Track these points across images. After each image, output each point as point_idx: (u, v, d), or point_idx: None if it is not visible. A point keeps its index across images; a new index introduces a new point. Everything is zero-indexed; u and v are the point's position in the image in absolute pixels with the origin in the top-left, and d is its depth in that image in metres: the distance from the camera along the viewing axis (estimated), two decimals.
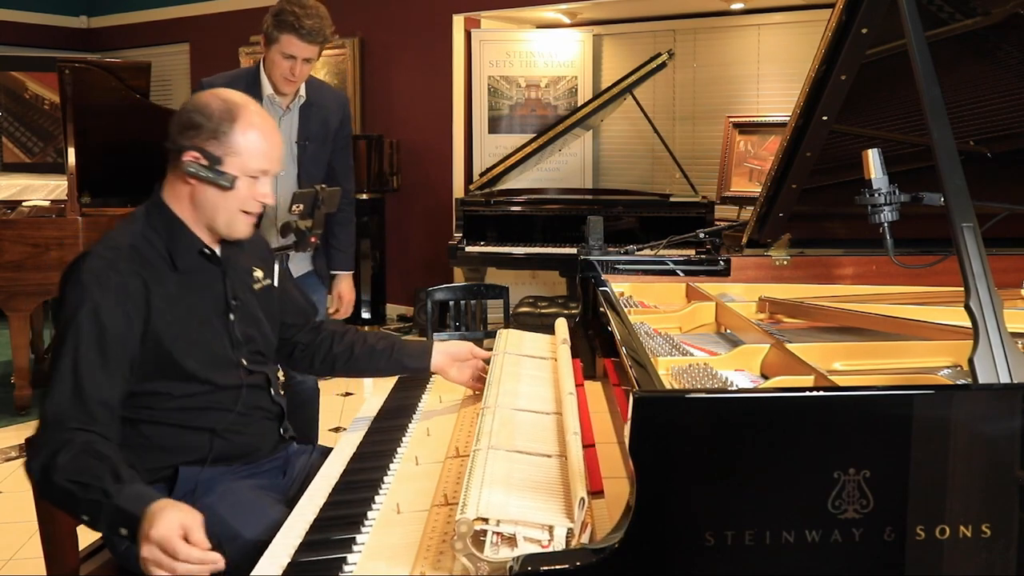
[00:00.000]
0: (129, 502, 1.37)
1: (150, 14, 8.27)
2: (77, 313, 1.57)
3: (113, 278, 1.60)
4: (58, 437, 1.48)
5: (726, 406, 1.13)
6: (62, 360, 1.55)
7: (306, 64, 2.78)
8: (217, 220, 1.71)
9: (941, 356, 1.57)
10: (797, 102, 2.05)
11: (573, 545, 1.16)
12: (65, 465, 1.43)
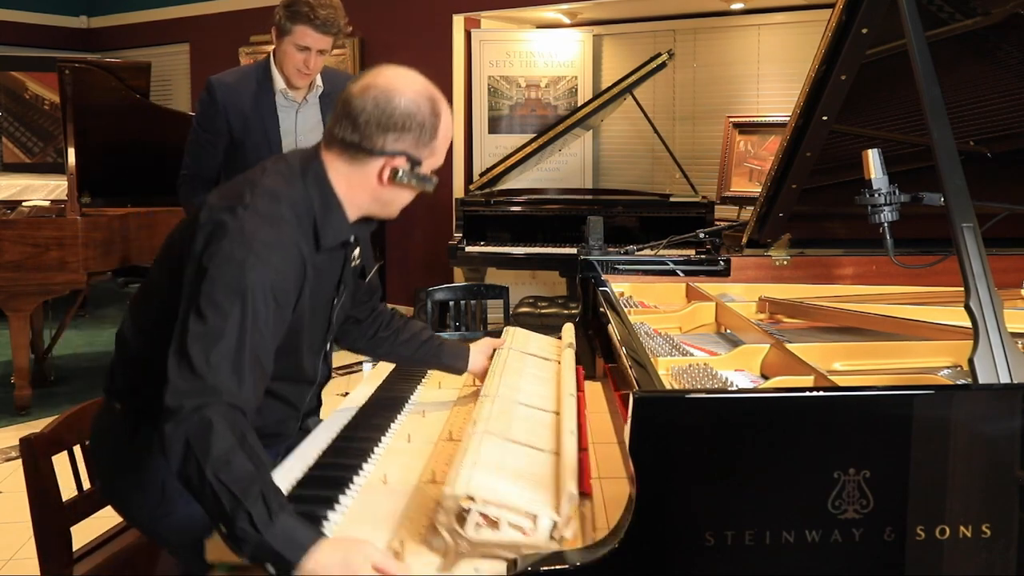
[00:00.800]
0: (282, 543, 1.20)
1: (150, 14, 8.27)
2: (246, 273, 1.36)
3: (283, 236, 1.43)
4: (211, 406, 1.27)
5: (726, 406, 1.14)
6: (225, 320, 1.33)
7: (320, 56, 2.70)
8: (383, 212, 1.59)
9: (941, 356, 1.57)
10: (797, 102, 2.05)
11: (555, 538, 1.15)
12: (219, 455, 1.23)
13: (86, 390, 4.76)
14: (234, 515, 1.20)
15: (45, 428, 1.82)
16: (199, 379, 1.29)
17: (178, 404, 1.27)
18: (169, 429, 1.26)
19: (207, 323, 1.33)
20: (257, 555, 1.20)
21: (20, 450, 1.77)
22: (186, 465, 1.25)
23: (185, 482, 1.27)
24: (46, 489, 1.75)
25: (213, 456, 1.23)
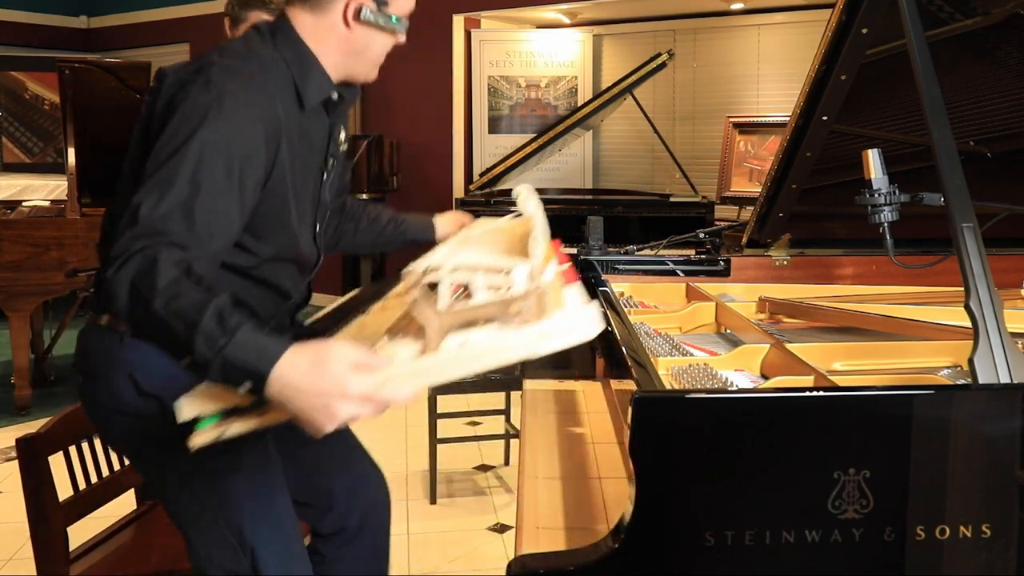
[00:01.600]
0: (249, 354, 1.11)
1: (150, 14, 8.27)
2: (204, 119, 1.28)
3: (253, 92, 1.36)
4: (154, 246, 1.18)
5: (726, 406, 1.13)
6: (178, 166, 1.25)
7: None
8: (359, 66, 1.52)
9: (941, 356, 1.57)
10: (797, 102, 2.05)
11: (533, 287, 1.05)
12: (164, 288, 1.14)
13: None
14: (191, 340, 1.11)
15: (42, 428, 1.82)
16: (144, 224, 1.21)
17: (119, 249, 1.19)
18: (111, 274, 1.17)
19: (158, 173, 1.25)
20: (227, 375, 1.12)
21: (17, 450, 1.76)
22: (134, 306, 1.16)
23: (136, 326, 1.20)
24: (43, 489, 1.75)
25: (160, 289, 1.14)
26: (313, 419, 1.10)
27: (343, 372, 1.08)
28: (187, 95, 1.32)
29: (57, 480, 1.81)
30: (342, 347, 1.10)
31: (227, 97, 1.31)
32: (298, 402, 1.09)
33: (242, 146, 1.32)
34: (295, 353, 1.11)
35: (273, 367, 1.10)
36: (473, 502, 3.42)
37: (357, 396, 1.08)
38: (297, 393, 1.09)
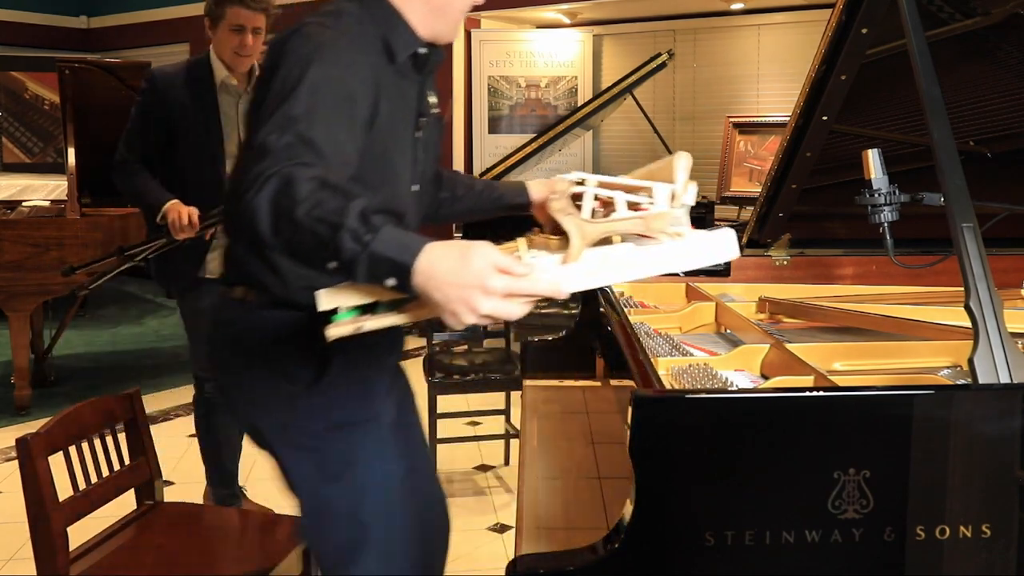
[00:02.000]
0: (392, 249, 1.12)
1: (150, 14, 8.27)
2: (310, 63, 1.33)
3: (349, 40, 1.40)
4: (287, 167, 1.19)
5: (726, 406, 1.13)
6: (292, 106, 1.28)
7: (256, 36, 2.77)
8: (440, 24, 1.54)
9: (941, 356, 1.57)
10: (797, 102, 2.05)
11: (675, 206, 1.07)
12: (305, 198, 1.15)
13: (86, 390, 4.76)
14: (338, 240, 1.12)
15: (41, 428, 1.82)
16: (269, 154, 1.22)
17: (253, 177, 1.20)
18: (250, 198, 1.18)
19: (275, 116, 1.28)
20: (372, 271, 1.13)
21: (16, 450, 1.76)
22: (277, 223, 1.17)
23: (284, 242, 1.19)
24: (43, 489, 1.75)
25: (300, 200, 1.15)
26: (455, 310, 1.11)
27: (486, 267, 1.09)
28: (287, 51, 1.37)
29: (57, 480, 1.81)
30: (485, 246, 1.12)
31: (326, 46, 1.36)
32: (440, 293, 1.10)
33: (347, 83, 1.36)
34: (439, 247, 1.12)
35: (417, 258, 1.11)
36: (473, 502, 3.42)
37: (498, 292, 1.09)
38: (440, 284, 1.10)
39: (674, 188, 1.08)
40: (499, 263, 1.09)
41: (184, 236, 2.65)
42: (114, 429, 2.05)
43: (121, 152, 2.80)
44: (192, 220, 2.64)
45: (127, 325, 6.48)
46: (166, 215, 2.65)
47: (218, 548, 2.03)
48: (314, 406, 1.51)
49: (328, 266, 1.15)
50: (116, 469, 2.03)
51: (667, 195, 1.09)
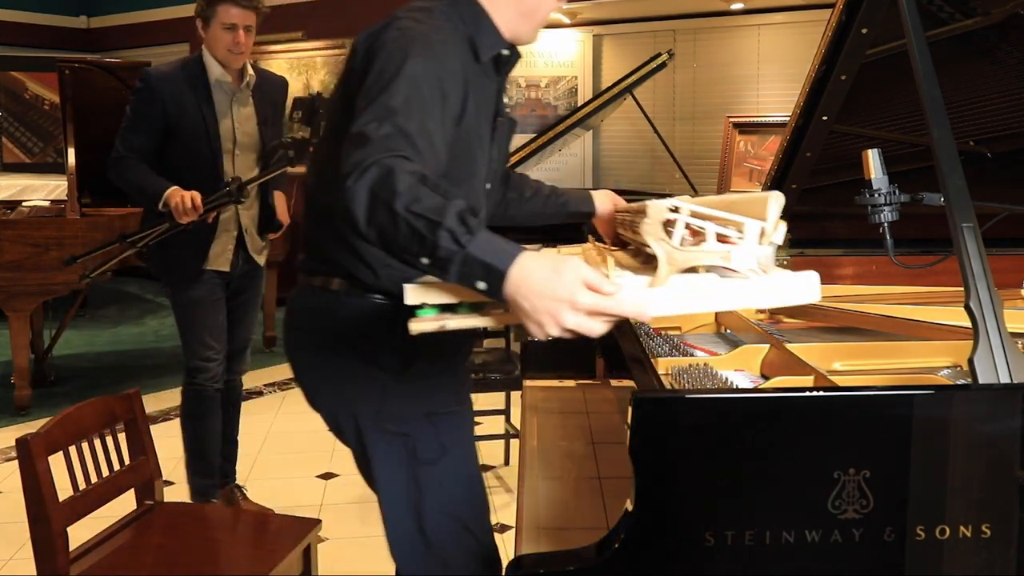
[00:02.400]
0: (488, 253, 1.13)
1: (150, 14, 8.27)
2: (407, 56, 1.36)
3: (443, 36, 1.44)
4: (387, 158, 1.21)
5: (726, 406, 1.13)
6: (391, 97, 1.31)
7: (248, 33, 2.84)
8: (525, 26, 1.58)
9: (941, 356, 1.57)
10: (797, 102, 2.05)
11: (763, 243, 1.09)
12: (405, 192, 1.17)
13: (86, 390, 4.76)
14: (435, 237, 1.14)
15: (41, 428, 1.82)
16: (370, 143, 1.24)
17: (353, 164, 1.22)
18: (351, 183, 1.20)
19: (373, 106, 1.30)
20: (465, 272, 1.14)
21: (16, 450, 1.76)
22: (374, 212, 1.19)
23: (377, 232, 1.20)
24: (42, 489, 1.75)
25: (400, 192, 1.17)
26: (541, 321, 1.12)
27: (577, 282, 1.10)
28: (384, 43, 1.41)
29: (57, 480, 1.81)
30: (577, 261, 1.13)
31: (419, 40, 1.39)
32: (528, 303, 1.12)
33: (442, 78, 1.38)
34: (533, 256, 1.14)
35: (512, 265, 1.12)
36: None
37: (585, 308, 1.10)
38: (530, 294, 1.11)
39: (764, 225, 1.10)
40: (589, 279, 1.10)
41: (188, 220, 2.68)
42: (114, 429, 2.05)
43: (118, 149, 2.82)
44: (196, 203, 2.67)
45: (127, 325, 6.48)
46: (168, 201, 2.67)
47: (218, 548, 2.03)
48: (407, 393, 1.53)
49: (420, 261, 1.17)
50: (116, 469, 2.03)
51: (757, 232, 1.10)
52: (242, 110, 2.93)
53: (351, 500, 3.35)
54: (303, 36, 6.92)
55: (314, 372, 1.60)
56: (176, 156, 2.83)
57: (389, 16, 1.49)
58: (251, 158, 2.96)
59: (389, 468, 1.54)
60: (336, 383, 1.57)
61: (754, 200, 1.12)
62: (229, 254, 2.94)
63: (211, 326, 2.94)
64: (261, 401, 4.69)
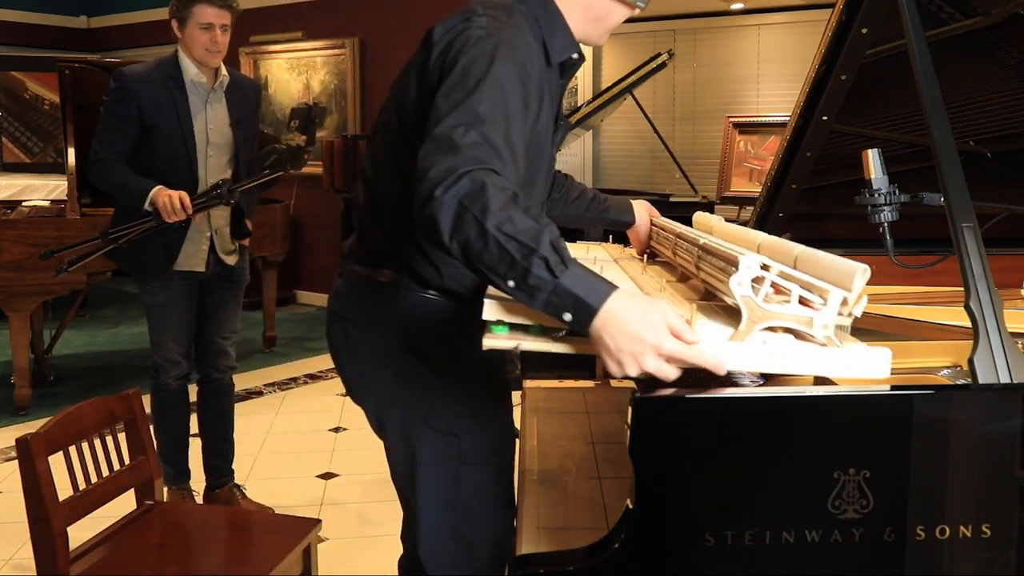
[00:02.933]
0: (581, 287, 1.12)
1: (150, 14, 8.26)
2: (494, 58, 1.32)
3: (522, 48, 1.39)
4: (479, 171, 1.18)
5: (726, 406, 1.13)
6: (479, 101, 1.27)
7: (224, 33, 2.91)
8: (595, 31, 1.55)
9: (941, 356, 1.57)
10: (797, 102, 2.05)
11: (843, 313, 1.11)
12: (497, 211, 1.14)
13: (86, 390, 4.76)
14: (527, 263, 1.12)
15: (41, 428, 1.82)
16: (460, 152, 1.21)
17: (443, 172, 1.18)
18: (439, 193, 1.17)
19: (459, 110, 1.27)
20: (553, 302, 1.13)
21: (16, 450, 1.76)
22: (461, 225, 1.16)
23: (461, 246, 1.17)
24: (43, 489, 1.75)
25: (493, 210, 1.14)
26: (622, 361, 1.12)
27: (663, 328, 1.11)
28: (468, 41, 1.37)
29: (57, 480, 1.81)
30: (665, 305, 1.14)
31: (505, 43, 1.36)
32: (613, 342, 1.11)
33: (525, 84, 1.36)
34: (624, 296, 1.13)
35: (604, 303, 1.12)
36: None
37: (667, 354, 1.11)
38: (617, 334, 1.11)
39: (847, 295, 1.12)
40: (675, 326, 1.11)
41: (175, 219, 2.70)
42: (114, 429, 2.06)
43: (96, 151, 2.84)
44: (184, 203, 2.68)
45: (127, 325, 6.48)
46: (155, 200, 2.69)
47: (218, 548, 2.04)
48: (458, 392, 1.51)
49: (505, 283, 1.15)
50: (116, 469, 2.03)
51: (839, 301, 1.12)
52: (215, 111, 2.96)
53: (351, 500, 3.35)
54: (303, 36, 6.92)
55: (362, 365, 1.58)
56: (151, 156, 2.85)
57: (465, 10, 1.44)
58: (224, 159, 2.99)
59: (434, 467, 1.52)
60: (386, 379, 1.55)
61: (839, 268, 1.14)
62: (204, 254, 2.95)
63: (176, 327, 2.96)
64: (261, 401, 4.69)
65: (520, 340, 1.18)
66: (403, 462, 1.57)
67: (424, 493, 1.53)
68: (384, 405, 1.56)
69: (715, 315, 1.23)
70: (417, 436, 1.53)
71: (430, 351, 1.51)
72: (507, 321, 1.18)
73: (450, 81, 1.32)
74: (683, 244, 1.52)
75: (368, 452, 3.52)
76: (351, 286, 1.59)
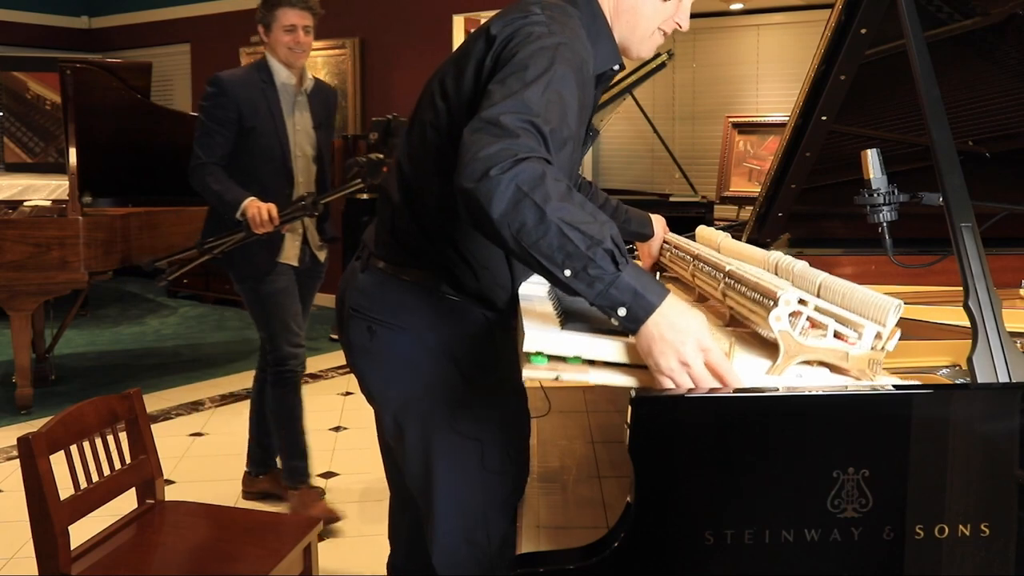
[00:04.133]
0: (641, 282, 1.13)
1: (151, 14, 8.28)
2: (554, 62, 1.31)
3: (579, 52, 1.39)
4: (536, 159, 1.16)
5: (726, 406, 1.14)
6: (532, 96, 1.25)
7: (307, 34, 3.04)
8: (634, 35, 1.54)
9: (940, 356, 1.57)
10: (796, 102, 2.06)
11: (876, 348, 1.14)
12: (559, 200, 1.13)
13: (87, 389, 4.76)
14: (592, 253, 1.12)
15: (43, 427, 1.83)
16: (516, 137, 1.19)
17: (498, 153, 1.16)
18: (496, 173, 1.14)
19: (514, 99, 1.24)
20: (609, 295, 1.12)
21: (18, 449, 1.77)
22: (519, 209, 1.13)
23: (515, 230, 1.14)
24: (44, 488, 1.76)
25: (554, 199, 1.13)
26: (664, 352, 1.13)
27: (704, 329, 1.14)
28: (529, 37, 1.36)
29: (58, 479, 1.82)
30: (706, 326, 1.16)
31: (567, 46, 1.35)
32: (664, 337, 1.12)
33: (578, 89, 1.35)
34: (676, 303, 1.15)
35: (662, 302, 1.13)
36: None
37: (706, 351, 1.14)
38: (668, 330, 1.12)
39: (881, 330, 1.15)
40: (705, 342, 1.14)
41: (263, 231, 2.82)
42: (115, 428, 2.06)
43: (197, 155, 2.95)
44: (272, 215, 2.81)
45: (128, 324, 6.49)
46: (245, 211, 2.82)
47: (219, 547, 2.04)
48: (483, 399, 1.50)
49: (561, 272, 1.14)
50: (117, 468, 2.03)
51: (873, 335, 1.15)
52: (302, 114, 3.09)
53: (351, 500, 3.35)
54: None
55: (385, 365, 1.55)
56: (249, 157, 2.96)
57: (522, 6, 1.43)
58: (310, 161, 3.11)
59: (454, 471, 1.51)
60: (410, 380, 1.52)
61: (874, 302, 1.16)
62: (298, 250, 3.09)
63: (293, 313, 3.07)
64: None
65: (559, 371, 1.18)
66: (419, 464, 1.54)
67: (440, 497, 1.51)
68: (405, 407, 1.53)
69: (749, 345, 1.25)
70: (439, 440, 1.51)
71: (463, 357, 1.49)
72: (547, 353, 1.18)
73: (506, 71, 1.31)
74: (704, 267, 1.53)
75: (368, 452, 3.52)
76: (378, 284, 1.55)
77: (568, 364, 1.17)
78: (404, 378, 1.53)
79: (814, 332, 1.17)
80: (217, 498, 3.09)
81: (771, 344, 1.16)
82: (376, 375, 1.57)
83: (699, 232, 1.88)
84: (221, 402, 4.65)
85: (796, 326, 1.15)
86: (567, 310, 1.30)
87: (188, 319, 6.62)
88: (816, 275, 1.27)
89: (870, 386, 1.15)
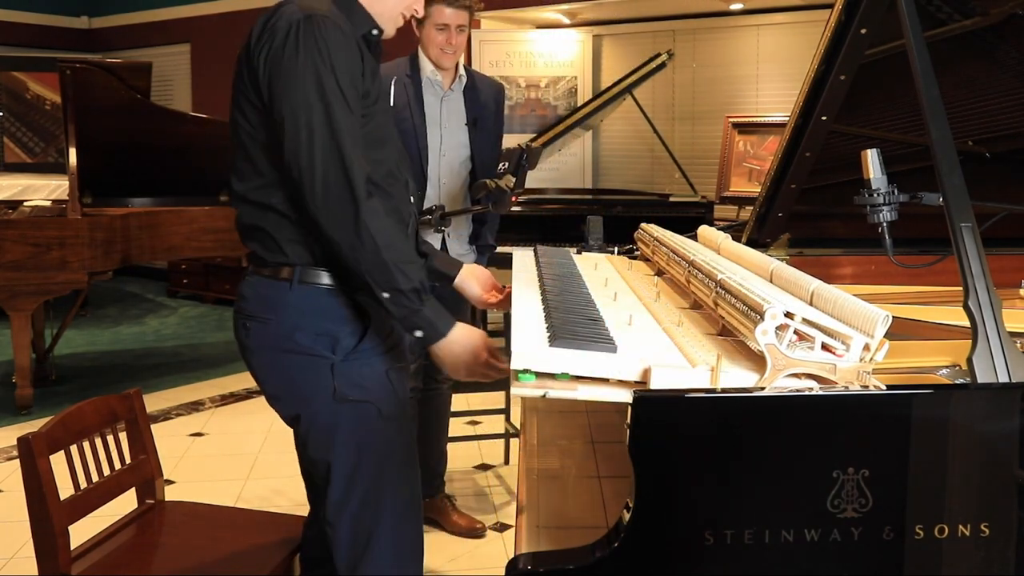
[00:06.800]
0: (436, 315, 1.59)
1: (151, 14, 8.28)
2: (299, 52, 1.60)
3: (336, 22, 1.65)
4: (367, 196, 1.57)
5: (726, 406, 1.14)
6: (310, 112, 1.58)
7: (460, 33, 2.89)
8: (385, 13, 1.79)
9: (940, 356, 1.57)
10: (796, 102, 2.06)
11: (864, 359, 1.15)
12: (384, 231, 1.56)
13: (87, 389, 4.76)
14: (403, 288, 1.55)
15: (43, 427, 1.83)
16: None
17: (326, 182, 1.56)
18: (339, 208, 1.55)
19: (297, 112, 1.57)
20: (412, 321, 1.58)
21: (18, 449, 1.77)
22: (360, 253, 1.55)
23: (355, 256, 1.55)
24: (44, 488, 1.76)
25: (383, 242, 1.54)
26: (455, 366, 1.63)
27: (483, 350, 1.64)
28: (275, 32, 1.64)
29: (58, 479, 1.82)
30: (485, 338, 1.64)
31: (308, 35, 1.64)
32: (448, 360, 1.63)
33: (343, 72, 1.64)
34: (460, 328, 1.64)
35: (451, 328, 1.63)
36: (473, 501, 3.42)
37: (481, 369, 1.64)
38: (450, 353, 1.61)
39: (869, 342, 1.15)
40: (492, 350, 1.65)
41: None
42: (115, 428, 2.06)
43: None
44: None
45: (128, 324, 6.49)
46: None
47: (219, 547, 2.04)
48: (360, 363, 1.68)
49: (380, 292, 1.57)
50: (117, 468, 2.03)
51: (861, 346, 1.15)
52: (451, 110, 2.97)
53: None
54: None
55: (263, 361, 1.73)
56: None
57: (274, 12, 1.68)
58: (459, 159, 2.98)
59: (349, 435, 1.66)
60: (288, 370, 1.69)
61: (861, 312, 1.16)
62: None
63: None
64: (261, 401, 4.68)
65: (548, 388, 1.22)
66: (315, 447, 1.71)
67: (337, 463, 1.67)
68: (292, 397, 1.74)
69: (740, 356, 1.25)
70: (331, 416, 1.67)
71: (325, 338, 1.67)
72: (535, 370, 1.21)
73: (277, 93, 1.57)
74: (699, 275, 1.55)
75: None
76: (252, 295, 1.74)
77: (557, 380, 1.20)
78: (280, 371, 1.74)
79: (803, 344, 1.18)
80: (217, 498, 3.08)
81: (761, 356, 1.17)
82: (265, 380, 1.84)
83: (701, 233, 1.88)
84: (221, 402, 4.65)
85: (784, 339, 1.16)
86: (554, 326, 1.31)
87: (188, 319, 6.62)
88: (809, 283, 1.27)
89: (870, 387, 1.15)
